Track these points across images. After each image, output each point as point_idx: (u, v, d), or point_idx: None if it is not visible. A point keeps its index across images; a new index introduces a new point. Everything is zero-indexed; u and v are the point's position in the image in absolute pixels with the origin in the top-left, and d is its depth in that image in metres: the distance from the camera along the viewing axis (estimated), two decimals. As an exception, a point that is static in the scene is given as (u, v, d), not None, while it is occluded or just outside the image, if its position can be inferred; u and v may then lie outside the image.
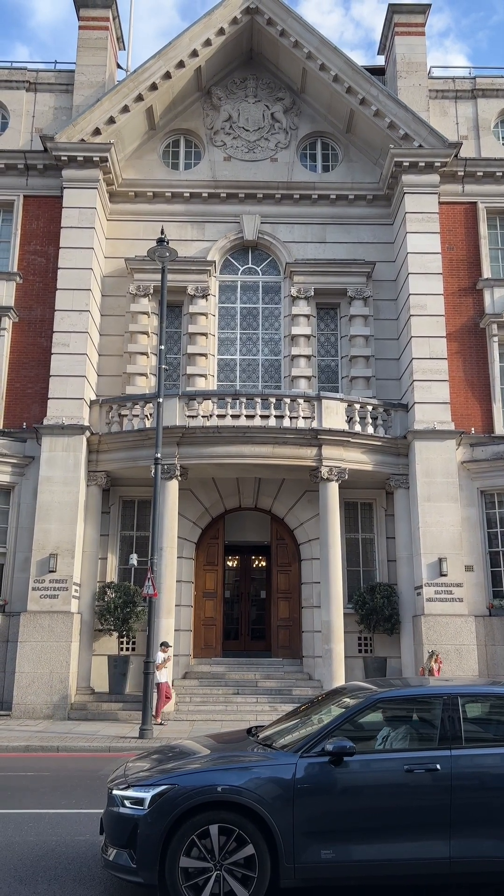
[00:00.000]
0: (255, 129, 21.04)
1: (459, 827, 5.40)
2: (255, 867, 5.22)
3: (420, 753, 5.65)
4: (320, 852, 5.31)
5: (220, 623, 18.83)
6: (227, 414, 17.15)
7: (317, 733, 5.68)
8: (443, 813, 5.41)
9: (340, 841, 5.35)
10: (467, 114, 21.06)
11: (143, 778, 5.61)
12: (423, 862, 5.39)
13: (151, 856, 5.22)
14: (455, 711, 5.77)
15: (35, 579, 16.92)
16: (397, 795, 5.45)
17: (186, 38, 19.76)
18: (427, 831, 5.40)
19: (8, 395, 18.87)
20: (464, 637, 16.84)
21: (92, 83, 20.32)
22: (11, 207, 20.14)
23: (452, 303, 19.45)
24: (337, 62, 19.73)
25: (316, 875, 5.35)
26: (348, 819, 5.39)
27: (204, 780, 5.40)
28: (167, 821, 5.22)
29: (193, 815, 5.25)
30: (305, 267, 19.90)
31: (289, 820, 5.29)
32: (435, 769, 5.47)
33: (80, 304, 18.44)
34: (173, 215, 20.35)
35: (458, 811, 5.41)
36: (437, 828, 5.40)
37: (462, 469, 18.27)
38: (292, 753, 5.58)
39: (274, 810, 5.29)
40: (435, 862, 5.38)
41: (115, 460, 17.95)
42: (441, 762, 5.50)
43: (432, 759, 5.54)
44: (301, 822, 5.31)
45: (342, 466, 17.30)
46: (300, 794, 5.37)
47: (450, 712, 5.76)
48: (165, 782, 5.42)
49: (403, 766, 5.49)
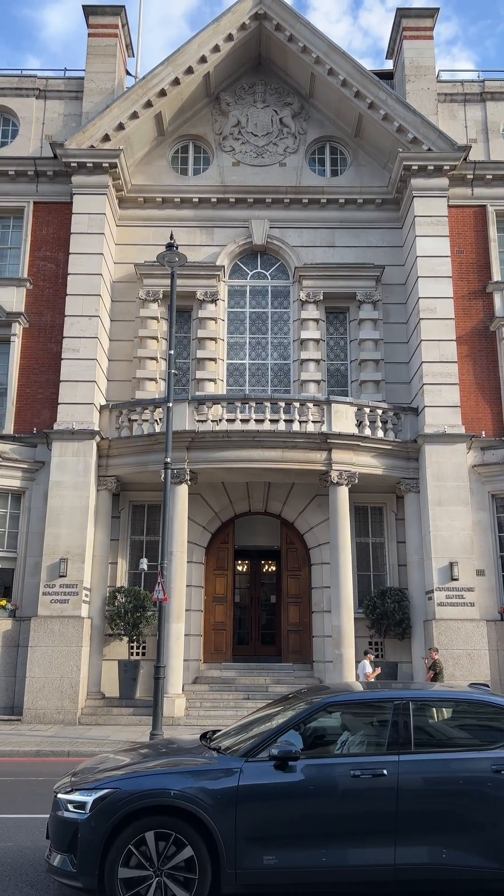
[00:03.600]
0: (263, 133, 21.08)
1: (405, 834, 5.29)
2: (196, 873, 5.13)
3: (367, 758, 5.56)
4: (263, 858, 5.20)
5: (230, 628, 18.80)
6: (237, 418, 17.15)
7: (263, 737, 5.61)
8: (388, 819, 5.30)
9: (284, 847, 5.25)
10: (476, 117, 21.03)
11: (88, 781, 5.54)
12: (367, 869, 5.28)
13: (91, 861, 5.14)
14: (406, 716, 5.68)
15: (46, 584, 16.95)
16: (342, 801, 5.35)
17: (195, 45, 19.84)
18: (372, 838, 5.29)
19: (18, 401, 18.94)
20: (475, 642, 16.74)
21: (101, 90, 20.43)
22: (22, 214, 20.25)
23: (462, 306, 19.39)
24: (345, 66, 19.76)
25: (258, 881, 5.25)
26: (292, 824, 5.29)
27: (146, 784, 5.34)
28: (107, 825, 5.15)
29: (134, 820, 5.18)
30: (314, 271, 19.90)
31: (231, 825, 5.20)
32: (382, 774, 5.37)
33: (89, 309, 18.51)
34: (182, 220, 20.41)
35: (403, 818, 5.30)
36: (383, 834, 5.28)
37: (473, 473, 18.19)
38: (238, 757, 5.51)
39: (216, 815, 5.19)
40: (379, 869, 5.27)
41: (124, 465, 17.97)
42: (388, 767, 5.40)
43: (379, 764, 5.44)
44: (244, 826, 5.21)
45: (352, 470, 17.26)
46: (243, 798, 5.27)
47: (400, 717, 5.68)
48: (107, 786, 5.35)
49: (350, 772, 5.39)
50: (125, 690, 16.99)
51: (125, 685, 17.01)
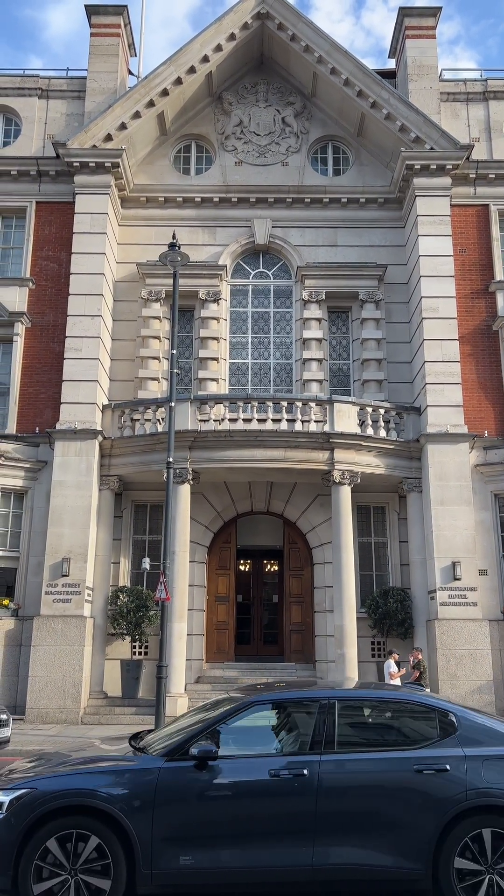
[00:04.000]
0: (266, 133, 21.07)
1: (323, 834, 5.26)
2: (111, 874, 5.10)
3: (288, 758, 5.55)
4: (179, 858, 5.18)
5: (232, 627, 18.80)
6: (239, 418, 17.15)
7: (185, 737, 5.59)
8: (307, 819, 5.26)
9: (201, 847, 5.22)
10: (479, 116, 20.99)
11: (8, 781, 5.54)
12: (284, 869, 5.24)
13: (6, 860, 5.11)
14: (331, 716, 5.66)
15: (48, 583, 16.97)
16: (261, 801, 5.33)
17: (197, 44, 19.83)
18: (290, 838, 5.26)
19: (21, 400, 18.96)
20: (478, 642, 16.72)
21: (104, 90, 20.43)
22: (24, 213, 20.27)
23: (465, 305, 19.37)
24: (348, 66, 19.74)
25: (173, 882, 5.21)
26: (210, 824, 5.27)
27: (63, 783, 5.32)
28: (23, 825, 5.12)
29: (50, 820, 5.15)
30: (317, 270, 19.89)
31: (148, 825, 5.18)
32: (302, 774, 5.34)
33: (92, 309, 18.52)
34: (185, 220, 20.41)
35: (322, 818, 5.27)
36: (301, 834, 5.25)
37: (475, 472, 18.16)
38: (159, 757, 5.50)
39: (132, 815, 5.18)
40: (297, 870, 5.24)
41: (127, 464, 17.98)
42: (309, 767, 5.38)
43: (300, 764, 5.42)
44: (161, 826, 5.19)
45: (354, 470, 17.25)
46: (162, 798, 5.26)
47: (326, 717, 5.65)
48: (25, 786, 5.34)
49: (270, 771, 5.37)
50: (127, 690, 16.99)
51: (127, 685, 17.01)
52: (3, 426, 18.84)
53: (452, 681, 16.40)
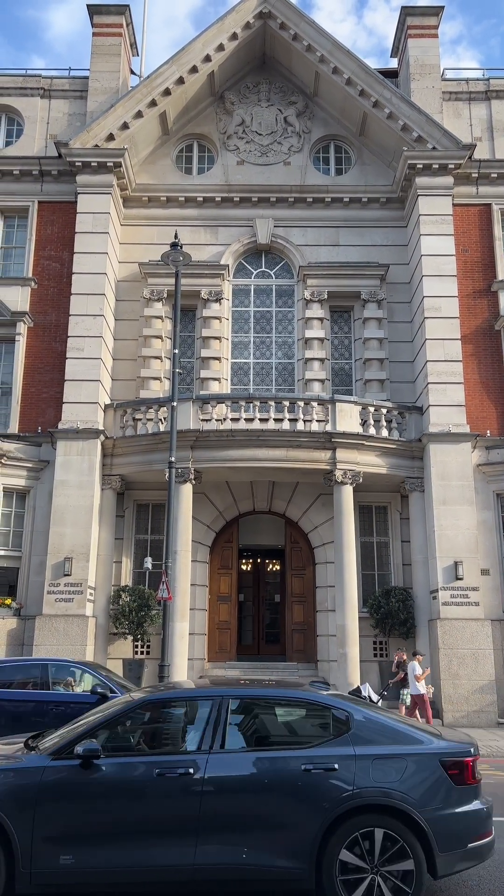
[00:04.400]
0: (268, 133, 21.06)
1: (207, 833, 5.22)
2: None
3: (175, 757, 5.52)
4: (59, 857, 5.14)
5: (234, 627, 18.80)
6: (241, 417, 17.15)
7: (73, 736, 5.56)
8: (191, 819, 5.23)
9: (82, 846, 5.19)
10: (481, 115, 20.97)
11: None
12: (164, 869, 5.21)
13: None
14: (223, 715, 5.62)
15: (50, 583, 16.98)
16: (145, 800, 5.31)
17: (199, 44, 19.83)
18: (173, 837, 5.23)
19: (23, 400, 18.97)
20: (480, 641, 16.70)
21: (106, 89, 20.44)
22: (26, 213, 20.28)
23: (467, 305, 19.35)
24: (350, 65, 19.73)
25: (53, 881, 5.17)
26: (93, 824, 5.24)
27: None
28: None
29: None
30: (319, 270, 19.88)
31: (30, 824, 5.15)
32: (188, 773, 5.32)
33: (94, 308, 18.53)
34: (187, 220, 20.41)
35: (206, 817, 5.23)
36: (184, 834, 5.22)
37: (478, 472, 18.15)
38: (45, 756, 5.47)
39: (13, 814, 5.15)
40: (177, 869, 5.20)
41: (129, 464, 17.99)
42: (195, 766, 5.34)
43: (187, 762, 5.39)
44: (42, 826, 5.16)
45: (356, 470, 17.24)
46: (44, 797, 5.23)
47: (218, 715, 5.61)
48: None
49: (155, 770, 5.34)
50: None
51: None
52: (5, 426, 18.86)
53: (454, 680, 16.39)
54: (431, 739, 5.68)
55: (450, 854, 5.31)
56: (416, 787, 5.36)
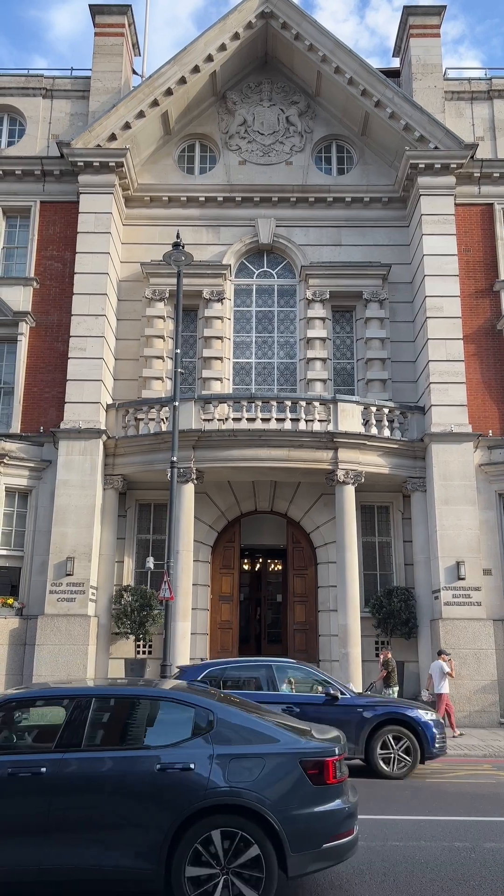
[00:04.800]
0: (270, 132, 21.06)
1: (56, 834, 5.18)
2: None
3: (27, 757, 5.48)
4: None
5: (236, 627, 18.80)
6: (243, 417, 17.15)
7: None
8: (40, 819, 5.19)
9: None
10: (483, 115, 20.96)
11: None
12: (11, 871, 5.16)
13: None
14: (83, 713, 5.58)
15: (52, 582, 17.00)
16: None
17: (201, 43, 19.84)
18: (20, 838, 5.18)
19: (25, 400, 18.99)
20: (482, 641, 16.69)
21: (108, 89, 20.45)
22: (28, 213, 20.29)
23: (469, 305, 19.34)
24: (352, 65, 19.72)
25: None
26: None
27: None
28: None
29: None
30: (321, 270, 19.88)
31: None
32: (39, 773, 5.27)
33: (96, 308, 18.54)
34: (189, 219, 20.41)
35: (56, 817, 5.19)
36: (32, 834, 5.17)
37: (479, 472, 18.13)
38: None
39: None
40: (23, 870, 5.15)
41: (131, 464, 18.00)
42: (49, 766, 5.31)
43: (40, 762, 5.35)
44: None
45: (358, 469, 17.24)
46: None
47: (77, 714, 5.58)
48: None
49: (7, 770, 5.30)
50: (131, 689, 16.98)
51: (131, 684, 17.02)
52: (7, 426, 18.88)
53: (457, 680, 16.36)
54: (297, 739, 5.62)
55: (302, 854, 5.27)
56: (272, 786, 5.33)
